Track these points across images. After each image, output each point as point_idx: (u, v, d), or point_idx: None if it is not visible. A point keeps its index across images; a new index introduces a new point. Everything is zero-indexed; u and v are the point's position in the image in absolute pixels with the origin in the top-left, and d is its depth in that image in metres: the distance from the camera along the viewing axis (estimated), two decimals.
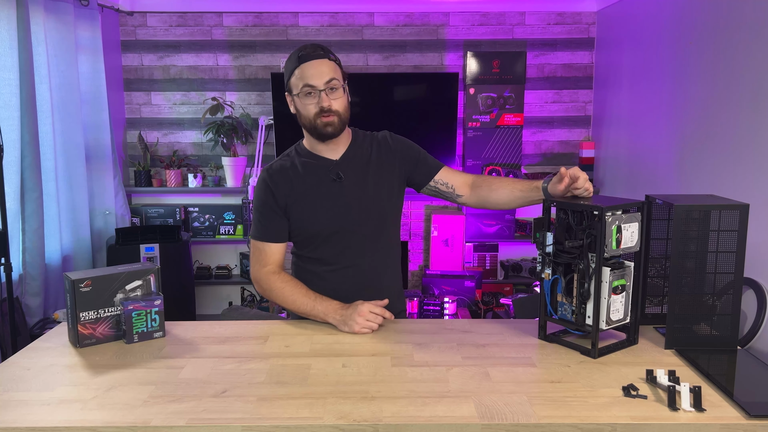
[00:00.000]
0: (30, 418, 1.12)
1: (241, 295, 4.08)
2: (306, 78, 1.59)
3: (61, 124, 3.19)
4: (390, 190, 1.73)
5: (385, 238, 1.74)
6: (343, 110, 1.64)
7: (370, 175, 1.71)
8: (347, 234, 1.69)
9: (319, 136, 1.65)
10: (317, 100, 1.59)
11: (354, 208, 1.68)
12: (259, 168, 3.80)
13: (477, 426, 1.09)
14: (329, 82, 1.59)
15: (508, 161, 3.92)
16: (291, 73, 1.62)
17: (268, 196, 1.68)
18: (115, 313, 1.49)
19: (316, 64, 1.59)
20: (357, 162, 1.71)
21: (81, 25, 3.35)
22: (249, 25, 3.89)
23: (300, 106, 1.64)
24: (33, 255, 2.91)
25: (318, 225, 1.68)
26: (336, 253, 1.70)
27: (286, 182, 1.69)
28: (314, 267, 1.73)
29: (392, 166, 1.74)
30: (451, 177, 1.77)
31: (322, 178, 1.69)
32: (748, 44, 2.33)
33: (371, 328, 1.55)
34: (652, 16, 3.15)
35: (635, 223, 1.37)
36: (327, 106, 1.59)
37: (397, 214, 1.79)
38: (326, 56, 1.61)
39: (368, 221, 1.69)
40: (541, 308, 1.49)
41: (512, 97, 3.88)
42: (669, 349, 1.42)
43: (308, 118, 1.63)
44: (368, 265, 1.71)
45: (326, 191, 1.68)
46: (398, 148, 1.75)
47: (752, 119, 2.29)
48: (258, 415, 1.12)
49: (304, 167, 1.70)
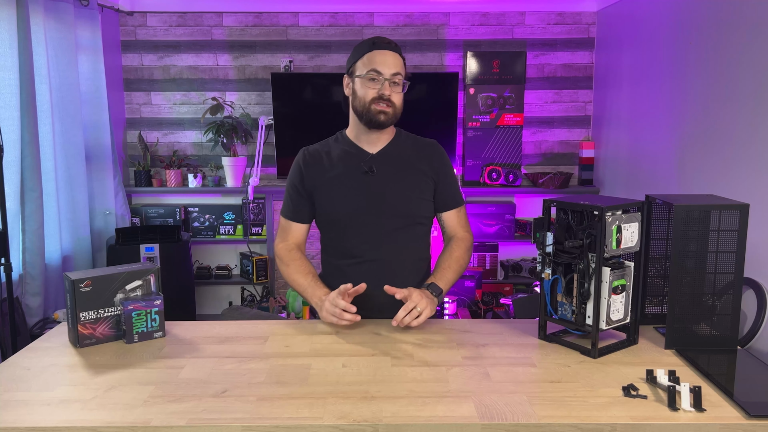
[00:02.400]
0: (30, 418, 1.12)
1: (241, 295, 4.08)
2: (375, 63, 1.63)
3: (61, 124, 3.19)
4: (420, 193, 1.74)
5: (409, 238, 1.74)
6: (399, 105, 1.68)
7: (403, 173, 1.72)
8: (368, 226, 1.70)
9: (369, 122, 1.67)
10: (380, 86, 1.63)
11: (379, 202, 1.69)
12: (259, 168, 3.80)
13: (477, 426, 1.09)
14: (395, 75, 1.64)
15: (508, 161, 3.92)
16: (359, 56, 1.66)
17: (297, 177, 1.75)
18: (115, 313, 1.49)
19: (389, 54, 1.64)
20: (393, 159, 1.73)
21: (81, 25, 3.35)
22: (249, 25, 3.89)
23: (359, 89, 1.66)
24: (33, 255, 2.91)
25: (340, 212, 1.71)
26: (356, 245, 1.71)
27: (318, 165, 1.73)
28: (336, 260, 1.75)
29: (426, 173, 1.74)
30: (449, 221, 1.80)
31: (354, 168, 1.71)
32: (748, 44, 2.33)
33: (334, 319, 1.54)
34: (652, 16, 3.15)
35: (635, 223, 1.37)
36: (387, 95, 1.63)
37: (427, 217, 1.78)
38: (398, 52, 1.68)
39: (392, 217, 1.70)
40: (541, 308, 1.49)
41: (512, 97, 3.88)
42: (669, 349, 1.42)
43: (364, 102, 1.65)
44: (387, 262, 1.71)
45: (355, 181, 1.70)
46: (438, 162, 1.77)
47: (752, 119, 2.29)
48: (258, 415, 1.12)
49: (340, 154, 1.74)
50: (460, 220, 1.81)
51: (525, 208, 4.05)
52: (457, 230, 1.80)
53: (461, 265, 1.74)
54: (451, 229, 1.80)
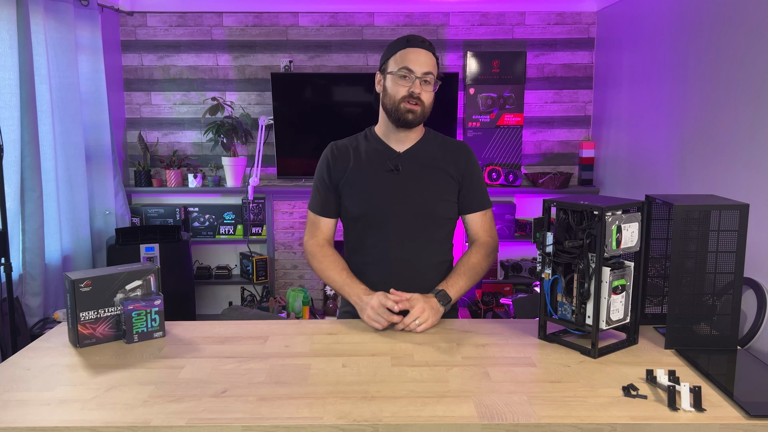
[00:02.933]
0: (30, 418, 1.11)
1: (241, 295, 4.08)
2: (408, 61, 1.63)
3: (61, 124, 3.19)
4: (444, 194, 1.73)
5: (431, 238, 1.73)
6: (428, 104, 1.68)
7: (428, 173, 1.72)
8: (390, 225, 1.69)
9: (397, 120, 1.67)
10: (410, 84, 1.63)
11: (402, 200, 1.69)
12: (259, 168, 3.80)
13: (477, 426, 1.09)
14: (427, 74, 1.64)
15: (508, 161, 3.92)
16: (393, 54, 1.67)
17: (325, 171, 1.75)
18: (115, 313, 1.49)
19: (422, 53, 1.64)
20: (419, 158, 1.73)
21: (81, 25, 3.35)
22: (249, 25, 3.89)
23: (390, 86, 1.66)
24: (33, 255, 2.92)
25: (362, 209, 1.71)
26: (377, 243, 1.71)
27: (344, 160, 1.74)
28: (358, 257, 1.75)
29: (452, 174, 1.74)
30: (473, 223, 1.79)
31: (380, 166, 1.71)
32: (748, 44, 2.33)
33: (378, 324, 1.54)
34: (652, 16, 3.15)
35: (635, 223, 1.37)
36: (418, 93, 1.63)
37: (449, 218, 1.76)
38: (432, 51, 1.67)
39: (414, 217, 1.70)
40: (541, 308, 1.49)
41: (512, 97, 3.88)
42: (669, 349, 1.42)
43: (394, 99, 1.66)
44: (408, 261, 1.70)
45: (380, 179, 1.70)
46: (465, 163, 1.76)
47: (752, 119, 2.29)
48: (258, 415, 1.12)
49: (367, 151, 1.74)
50: (484, 224, 1.79)
51: (525, 208, 4.05)
52: (480, 234, 1.78)
53: (477, 272, 1.73)
54: (474, 232, 1.79)
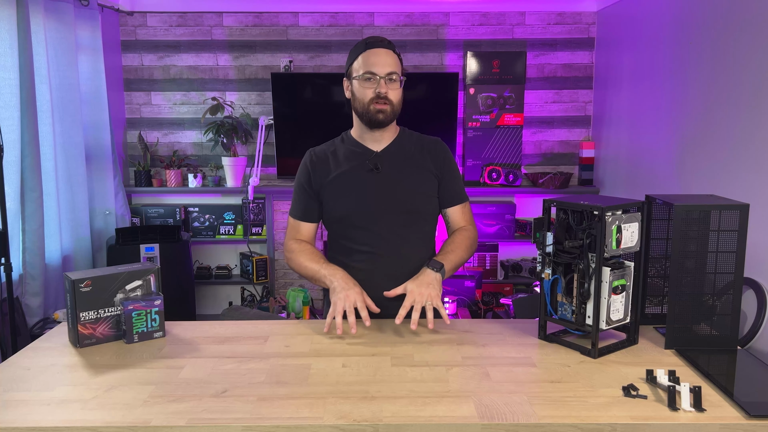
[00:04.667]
0: (30, 418, 1.11)
1: (241, 295, 4.08)
2: (369, 65, 1.65)
3: (61, 124, 3.19)
4: (425, 190, 1.75)
5: (414, 234, 1.74)
6: (397, 102, 1.70)
7: (408, 171, 1.74)
8: (374, 223, 1.70)
9: (369, 122, 1.69)
10: (376, 86, 1.65)
11: (385, 198, 1.70)
12: (259, 168, 3.80)
13: (477, 426, 1.09)
14: (390, 73, 1.66)
15: (508, 161, 3.92)
16: (355, 58, 1.69)
17: (305, 177, 1.77)
18: (115, 313, 1.49)
19: (381, 53, 1.67)
20: (397, 156, 1.75)
21: (81, 25, 3.35)
22: (249, 25, 3.89)
23: (357, 90, 1.69)
24: (33, 255, 2.91)
25: (346, 209, 1.72)
26: (362, 242, 1.72)
27: (324, 166, 1.75)
28: (343, 257, 1.75)
29: (431, 169, 1.75)
30: (454, 216, 1.80)
31: (359, 166, 1.73)
32: (748, 44, 2.33)
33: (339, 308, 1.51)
34: (652, 16, 3.15)
35: (635, 223, 1.37)
36: (384, 93, 1.65)
37: (432, 214, 1.78)
38: (392, 49, 1.69)
39: (398, 214, 1.71)
40: (541, 308, 1.49)
41: (512, 97, 3.88)
42: (669, 349, 1.42)
43: (363, 103, 1.68)
44: (393, 258, 1.71)
45: (361, 179, 1.72)
46: (442, 159, 1.78)
47: (752, 119, 2.29)
48: (258, 415, 1.12)
49: (345, 153, 1.76)
50: (465, 215, 1.81)
51: (525, 208, 4.05)
52: (461, 224, 1.81)
53: (464, 249, 1.73)
54: (455, 223, 1.81)
